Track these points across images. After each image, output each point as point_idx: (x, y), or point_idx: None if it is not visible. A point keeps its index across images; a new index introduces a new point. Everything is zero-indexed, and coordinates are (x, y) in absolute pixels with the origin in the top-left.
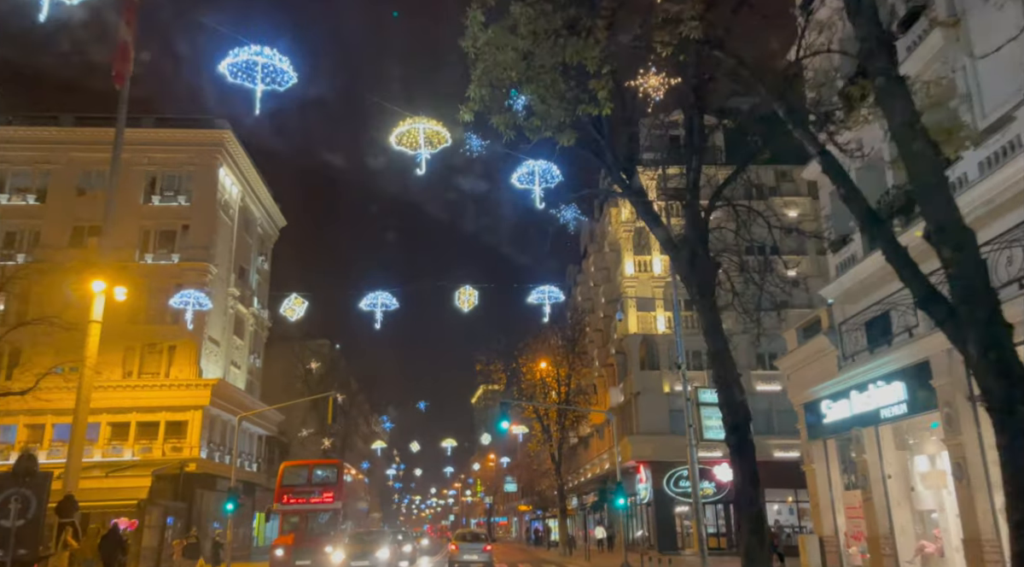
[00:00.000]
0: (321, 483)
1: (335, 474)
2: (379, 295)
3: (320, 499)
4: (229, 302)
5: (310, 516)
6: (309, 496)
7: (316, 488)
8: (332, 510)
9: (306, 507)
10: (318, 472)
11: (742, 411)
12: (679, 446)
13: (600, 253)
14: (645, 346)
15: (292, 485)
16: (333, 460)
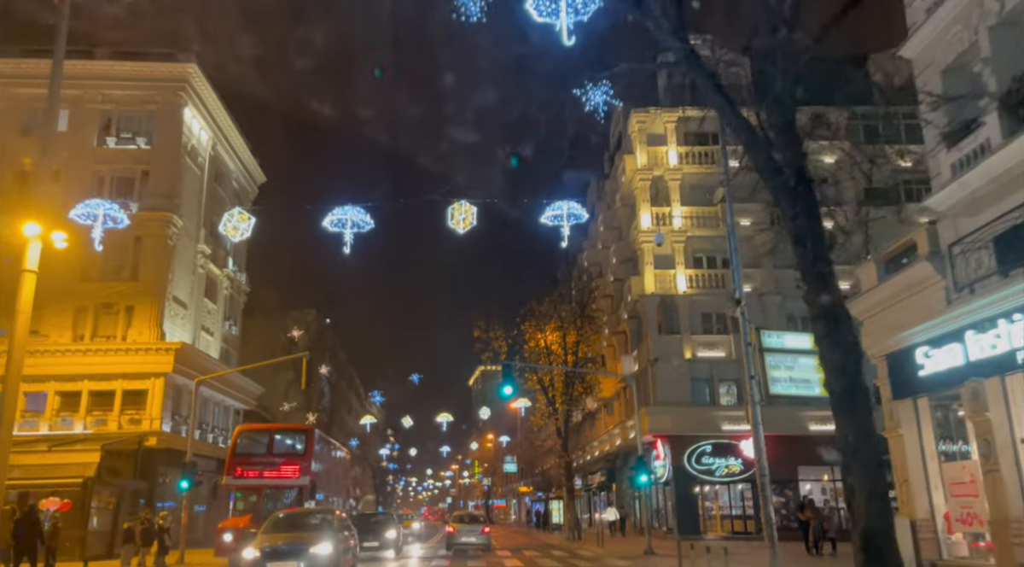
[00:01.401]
0: (285, 453)
1: (304, 442)
2: (348, 212)
3: (282, 472)
4: (199, 260)
5: (270, 494)
6: (269, 468)
7: (279, 459)
8: (298, 487)
9: (265, 482)
10: (282, 439)
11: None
12: (701, 418)
13: (610, 211)
14: (663, 308)
15: (248, 454)
16: (302, 425)
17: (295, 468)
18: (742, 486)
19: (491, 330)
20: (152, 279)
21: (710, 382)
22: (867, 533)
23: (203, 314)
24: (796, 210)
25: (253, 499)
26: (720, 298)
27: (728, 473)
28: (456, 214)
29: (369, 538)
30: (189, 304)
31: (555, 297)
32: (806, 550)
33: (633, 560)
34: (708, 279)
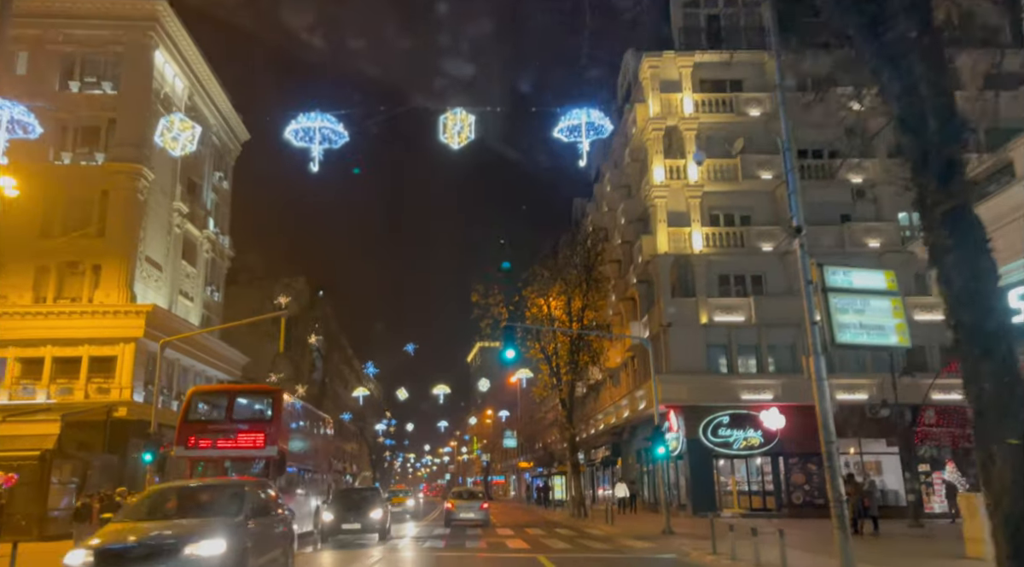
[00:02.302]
0: (248, 419)
1: (271, 407)
2: (317, 119)
3: (244, 442)
4: (175, 219)
5: (232, 468)
6: (228, 437)
7: (240, 426)
8: (264, 458)
9: (223, 453)
10: (244, 402)
11: (986, 259)
12: (718, 388)
13: (618, 169)
14: (677, 269)
15: (203, 421)
16: (268, 386)
17: (260, 436)
18: (760, 460)
19: (490, 296)
20: (121, 236)
21: (728, 349)
22: (1014, 518)
23: (181, 278)
24: (914, 76)
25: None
26: (740, 258)
27: (747, 446)
28: (450, 125)
29: (349, 519)
30: (164, 266)
31: (560, 259)
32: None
33: (652, 541)
34: (726, 237)
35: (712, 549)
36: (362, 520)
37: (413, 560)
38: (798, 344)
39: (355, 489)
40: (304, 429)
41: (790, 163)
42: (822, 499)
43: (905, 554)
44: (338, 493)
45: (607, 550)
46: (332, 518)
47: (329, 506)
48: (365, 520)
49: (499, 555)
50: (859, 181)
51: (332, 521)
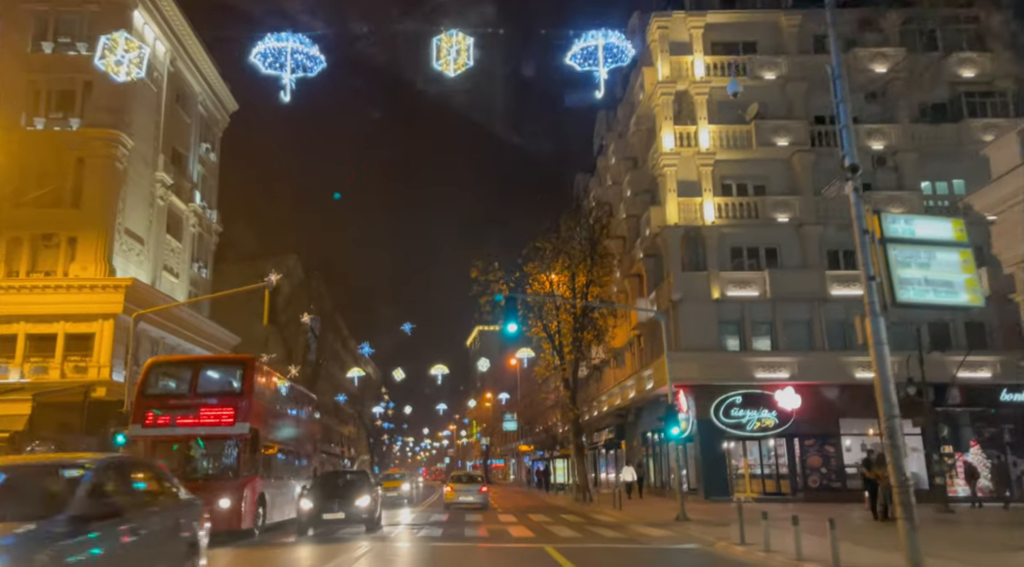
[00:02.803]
0: (216, 393)
1: (239, 379)
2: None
3: (211, 418)
4: (157, 190)
5: (199, 449)
6: (191, 413)
7: (206, 400)
8: (234, 437)
9: (186, 431)
10: (210, 374)
11: None
12: (731, 366)
13: (623, 140)
14: (687, 242)
15: (163, 395)
16: (238, 356)
17: (228, 412)
18: (774, 442)
19: (490, 272)
20: (98, 206)
21: (740, 325)
22: None
23: (165, 252)
24: None
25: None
26: (753, 229)
27: (761, 427)
28: (444, 48)
29: (332, 507)
30: (147, 240)
31: (562, 232)
32: (872, 515)
33: (666, 528)
34: (739, 208)
35: (739, 538)
36: (346, 508)
37: (405, 553)
38: (814, 320)
39: (339, 472)
40: (284, 406)
41: (841, 91)
42: (839, 482)
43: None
44: (320, 477)
45: (620, 539)
46: (311, 506)
47: (308, 492)
48: (350, 508)
49: (502, 545)
50: (880, 148)
51: (311, 510)
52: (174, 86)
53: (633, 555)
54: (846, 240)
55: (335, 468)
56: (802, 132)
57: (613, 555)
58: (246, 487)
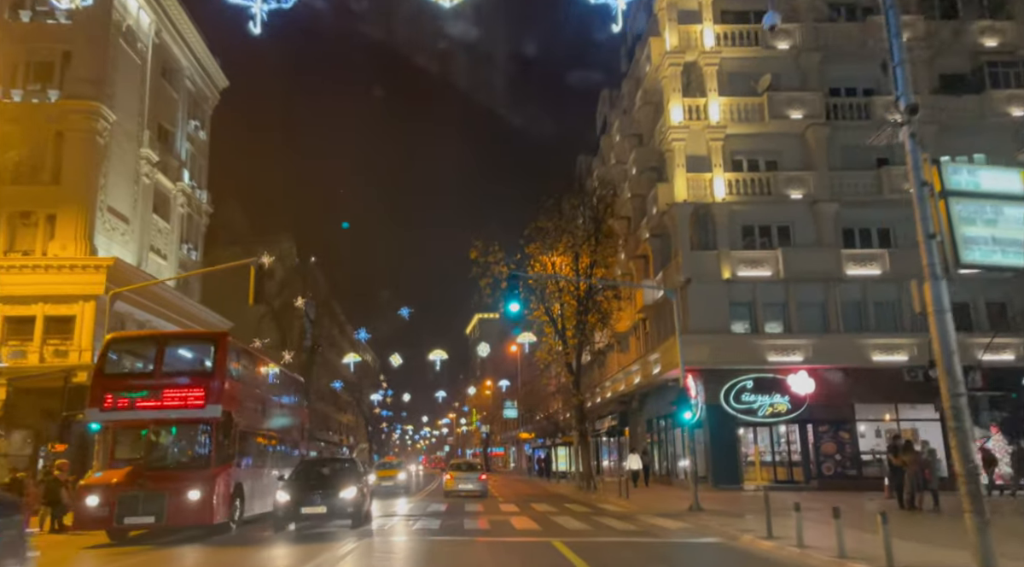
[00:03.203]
0: (183, 372)
1: (211, 356)
2: None
3: (177, 400)
4: (143, 167)
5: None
6: (153, 395)
7: (173, 380)
8: (205, 421)
9: (149, 415)
10: (177, 351)
11: None
12: (741, 349)
13: (628, 117)
14: (696, 220)
15: (124, 375)
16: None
17: (198, 393)
18: (785, 428)
19: (491, 252)
20: (78, 183)
21: (752, 307)
22: None
23: (152, 233)
24: None
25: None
26: (765, 207)
27: (773, 413)
28: None
29: (312, 500)
30: (132, 219)
31: (565, 210)
32: (899, 504)
33: (680, 519)
34: (751, 184)
35: (766, 532)
36: (328, 502)
37: (398, 549)
38: (829, 300)
39: (324, 460)
40: (266, 389)
41: (896, 24)
42: (854, 470)
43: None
44: (301, 465)
45: (633, 532)
46: (287, 499)
47: (286, 483)
48: (333, 501)
49: (504, 539)
50: (898, 119)
51: (288, 503)
52: (160, 59)
53: (650, 550)
54: (862, 218)
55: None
56: (817, 104)
57: (628, 550)
58: (218, 477)
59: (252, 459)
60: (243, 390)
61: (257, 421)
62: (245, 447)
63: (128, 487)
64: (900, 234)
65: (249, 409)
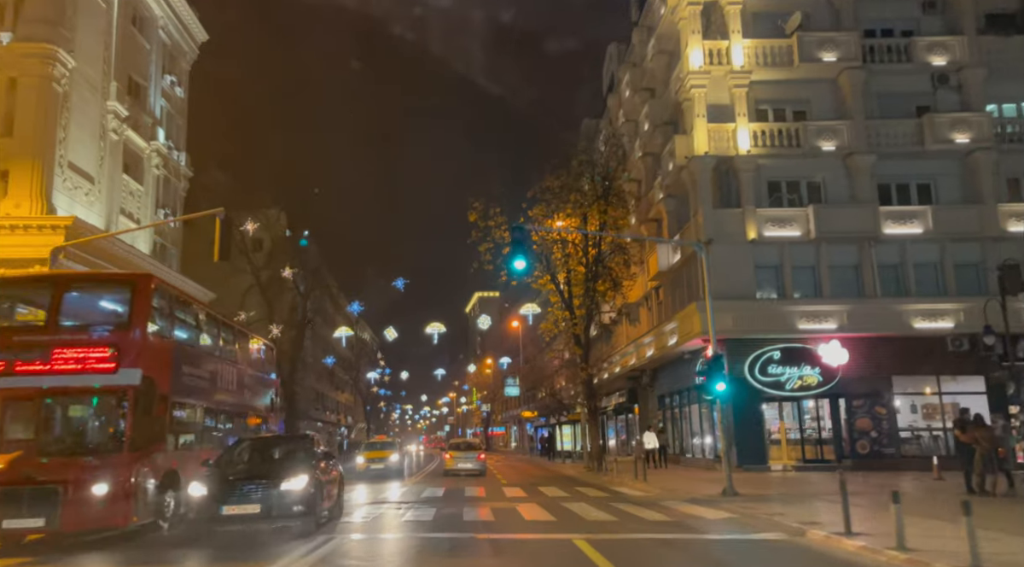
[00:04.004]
0: (87, 325)
1: (126, 303)
2: None
3: (68, 362)
4: (110, 122)
5: (62, 409)
6: (41, 355)
7: (72, 336)
8: (115, 389)
9: (41, 381)
10: (81, 297)
11: None
12: (768, 316)
13: (639, 69)
14: (717, 176)
15: (12, 330)
16: (126, 273)
17: (103, 352)
18: (814, 402)
19: (491, 215)
20: (33, 134)
21: (780, 270)
22: None
23: (122, 195)
24: None
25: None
26: (794, 160)
27: (802, 386)
28: None
29: (242, 495)
30: (98, 178)
31: (573, 168)
32: (967, 488)
33: (716, 506)
34: (778, 136)
35: (843, 526)
36: (264, 497)
37: (374, 555)
38: (864, 262)
39: (264, 439)
40: (216, 352)
41: None
42: (892, 448)
43: None
44: (232, 447)
45: (667, 525)
46: (203, 494)
47: (208, 472)
48: (270, 496)
49: (512, 536)
50: (941, 64)
51: (203, 501)
52: (129, 5)
53: (699, 552)
54: (900, 172)
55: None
56: (852, 46)
57: (671, 551)
58: (136, 464)
59: (196, 440)
60: (180, 351)
61: (203, 392)
62: (184, 424)
63: (8, 480)
64: (942, 189)
65: (190, 376)
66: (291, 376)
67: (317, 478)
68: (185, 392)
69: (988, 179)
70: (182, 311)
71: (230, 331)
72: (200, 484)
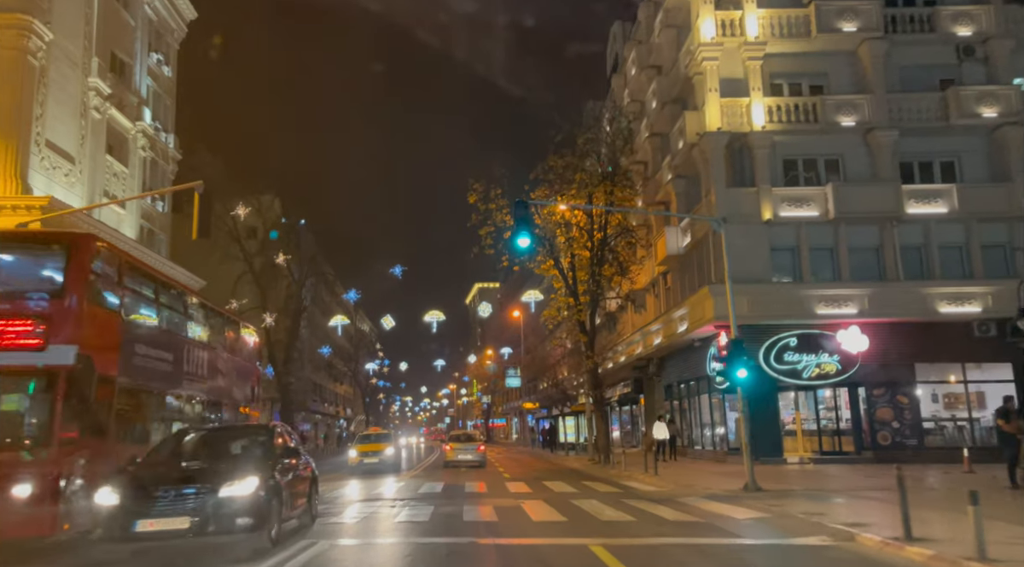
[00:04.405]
0: (12, 293)
1: (60, 269)
2: None
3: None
4: (91, 99)
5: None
6: None
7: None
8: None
9: None
10: (6, 262)
11: None
12: (784, 301)
13: (644, 46)
14: (730, 153)
15: None
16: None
17: (26, 326)
18: (831, 391)
19: (492, 197)
20: (8, 109)
21: (796, 252)
22: None
23: (106, 177)
24: None
25: None
26: (811, 137)
27: (820, 374)
28: None
29: (165, 505)
30: (79, 158)
31: (579, 146)
32: (1011, 482)
33: (740, 503)
34: (795, 111)
35: (903, 530)
36: (196, 508)
37: None
38: (885, 244)
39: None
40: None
41: None
42: (915, 439)
43: None
44: (162, 444)
45: (692, 526)
46: (114, 506)
47: (122, 477)
48: (204, 508)
49: (519, 542)
50: (967, 34)
51: (113, 513)
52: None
53: (737, 562)
54: (923, 149)
55: (330, 433)
56: (873, 16)
57: (704, 561)
58: (68, 462)
59: (151, 432)
60: (132, 328)
61: (165, 377)
62: (138, 414)
63: None
64: (967, 166)
65: (146, 357)
66: (286, 366)
67: (274, 481)
68: (139, 376)
69: (1016, 156)
70: (137, 281)
71: (201, 309)
72: (112, 490)
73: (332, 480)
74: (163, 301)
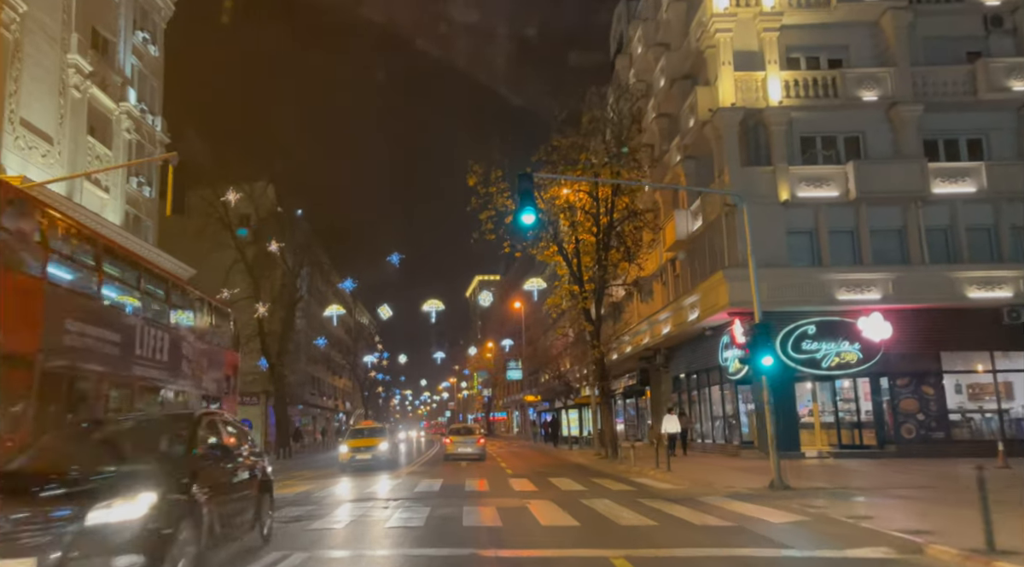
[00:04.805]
0: None
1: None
2: None
3: None
4: (71, 77)
5: None
6: None
7: None
8: None
9: None
10: None
11: None
12: (802, 286)
13: (651, 23)
14: (745, 130)
15: None
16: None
17: None
18: (851, 382)
19: (493, 180)
20: None
21: (815, 234)
22: None
23: (87, 159)
24: None
25: None
26: (830, 113)
27: (840, 364)
28: None
29: (10, 529)
30: (57, 139)
31: (584, 125)
32: None
33: (772, 504)
34: (813, 85)
35: (984, 539)
36: (53, 543)
37: None
38: (910, 225)
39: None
40: (120, 302)
41: None
42: (941, 432)
43: None
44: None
45: (723, 531)
46: None
47: None
48: (61, 541)
49: (527, 553)
50: (995, 3)
51: None
52: None
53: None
54: (948, 125)
55: (328, 426)
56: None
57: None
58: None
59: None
60: (63, 299)
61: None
62: (68, 404)
63: None
64: (995, 144)
65: (81, 335)
66: (280, 358)
67: (186, 496)
68: (73, 356)
69: None
70: (70, 244)
71: (161, 283)
72: None
73: (323, 478)
74: (109, 271)
